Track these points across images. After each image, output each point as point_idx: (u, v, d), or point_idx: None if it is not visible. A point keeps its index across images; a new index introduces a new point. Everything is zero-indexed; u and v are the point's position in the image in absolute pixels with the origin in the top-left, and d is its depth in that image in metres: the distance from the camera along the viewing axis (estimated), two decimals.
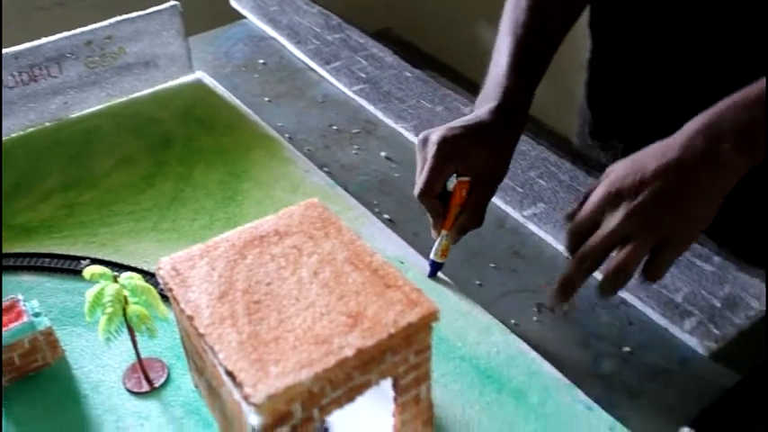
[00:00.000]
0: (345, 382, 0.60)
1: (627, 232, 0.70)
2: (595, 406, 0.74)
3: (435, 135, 0.81)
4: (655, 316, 0.83)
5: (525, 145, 1.06)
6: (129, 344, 0.75)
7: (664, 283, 0.86)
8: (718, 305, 0.84)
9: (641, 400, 0.76)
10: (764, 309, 0.83)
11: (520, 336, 0.81)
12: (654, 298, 0.85)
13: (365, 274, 0.65)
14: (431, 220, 0.84)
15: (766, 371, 0.77)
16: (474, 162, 0.81)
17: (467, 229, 0.84)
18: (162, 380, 0.77)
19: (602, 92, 1.09)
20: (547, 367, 0.78)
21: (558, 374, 0.77)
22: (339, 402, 0.61)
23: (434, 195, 0.82)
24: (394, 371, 0.63)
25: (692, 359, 0.80)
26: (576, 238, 0.73)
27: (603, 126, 1.10)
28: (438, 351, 0.79)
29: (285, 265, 0.67)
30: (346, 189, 1.01)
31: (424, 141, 0.82)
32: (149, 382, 0.77)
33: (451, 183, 0.83)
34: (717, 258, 0.89)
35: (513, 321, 0.83)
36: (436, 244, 0.85)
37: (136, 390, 0.76)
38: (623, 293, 0.85)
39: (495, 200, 0.98)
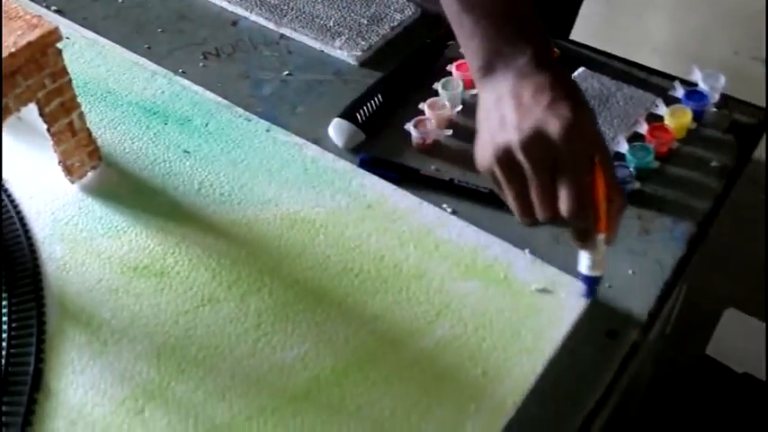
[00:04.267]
0: None
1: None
2: (254, 117, 0.82)
3: (563, 130, 0.56)
4: (310, 42, 0.91)
5: None
6: None
7: (317, 14, 0.93)
8: (365, 22, 0.92)
9: (300, 108, 0.84)
10: (405, 19, 0.93)
11: (186, 79, 0.86)
12: (308, 27, 0.92)
13: None
14: (576, 234, 0.61)
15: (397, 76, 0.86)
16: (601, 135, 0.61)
17: (621, 215, 0.63)
18: None
19: None
20: (210, 96, 0.84)
21: (220, 99, 0.84)
22: None
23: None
24: (32, 96, 0.67)
25: (344, 69, 0.88)
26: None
27: None
28: (105, 102, 0.83)
29: None
30: None
31: (532, 145, 0.57)
32: None
33: None
34: None
35: (180, 70, 0.88)
36: (590, 256, 0.63)
37: None
38: (283, 29, 0.92)
39: None
